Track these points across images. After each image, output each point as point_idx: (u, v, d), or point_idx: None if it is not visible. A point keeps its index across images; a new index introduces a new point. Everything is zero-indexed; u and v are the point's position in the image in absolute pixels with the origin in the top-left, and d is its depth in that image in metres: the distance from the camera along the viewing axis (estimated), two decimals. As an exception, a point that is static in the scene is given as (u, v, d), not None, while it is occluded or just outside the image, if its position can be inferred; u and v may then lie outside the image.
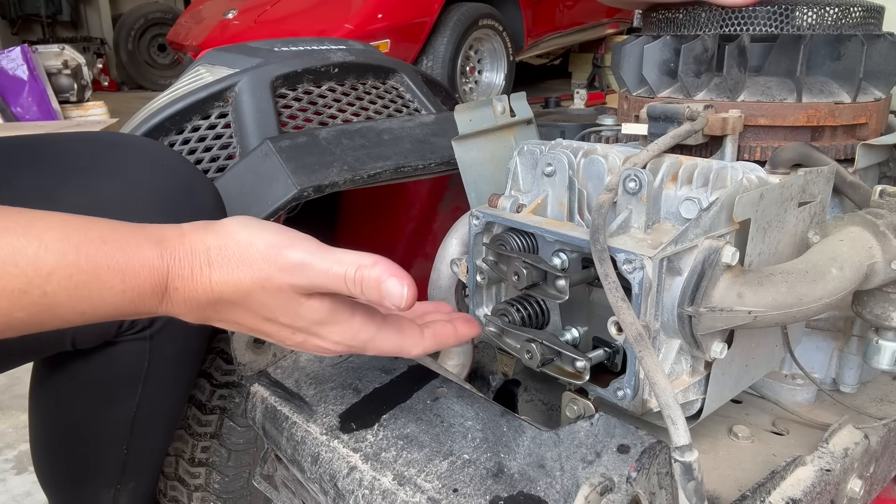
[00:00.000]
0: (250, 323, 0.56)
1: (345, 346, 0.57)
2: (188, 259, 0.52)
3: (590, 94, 4.07)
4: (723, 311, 0.58)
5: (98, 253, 0.49)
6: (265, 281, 0.52)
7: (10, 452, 1.65)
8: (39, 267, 0.46)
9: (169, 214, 0.69)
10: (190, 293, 0.52)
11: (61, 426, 0.83)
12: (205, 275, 0.52)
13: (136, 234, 0.51)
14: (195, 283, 0.52)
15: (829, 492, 0.65)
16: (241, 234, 0.54)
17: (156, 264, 0.51)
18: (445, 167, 0.97)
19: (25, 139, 0.73)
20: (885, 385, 0.85)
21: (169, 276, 0.51)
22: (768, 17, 0.75)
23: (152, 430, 0.84)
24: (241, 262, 0.53)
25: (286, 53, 1.07)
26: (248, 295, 0.53)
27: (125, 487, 0.85)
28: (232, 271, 0.52)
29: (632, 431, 0.55)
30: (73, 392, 0.78)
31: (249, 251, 0.53)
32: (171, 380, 0.81)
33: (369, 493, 0.61)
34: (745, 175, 0.64)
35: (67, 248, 0.47)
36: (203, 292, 0.52)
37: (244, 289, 0.53)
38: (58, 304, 0.48)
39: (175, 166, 0.74)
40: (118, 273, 0.49)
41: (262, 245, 0.53)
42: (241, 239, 0.53)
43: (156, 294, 0.51)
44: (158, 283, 0.51)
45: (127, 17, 8.13)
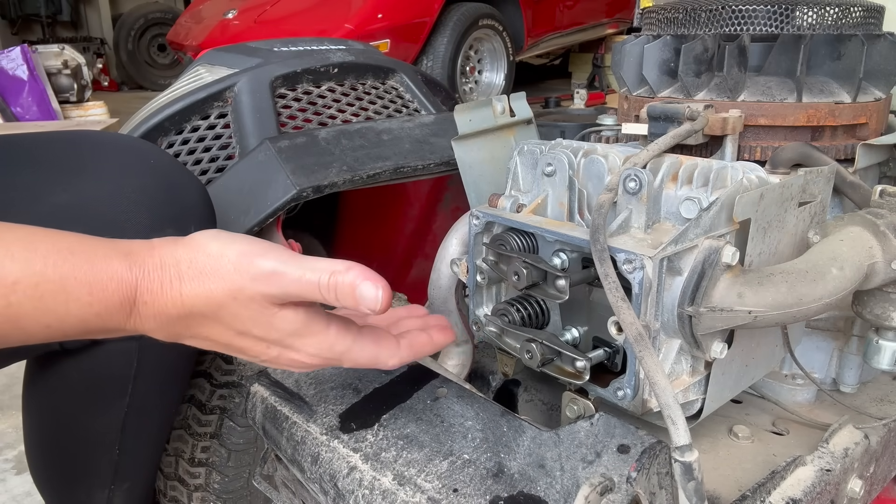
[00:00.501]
0: (223, 338, 0.54)
1: (320, 358, 0.56)
2: (157, 272, 0.51)
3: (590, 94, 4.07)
4: (723, 311, 0.58)
5: (65, 264, 0.48)
6: (237, 292, 0.51)
7: (10, 452, 1.65)
8: (4, 276, 0.45)
9: (155, 213, 0.69)
10: (160, 307, 0.51)
11: (53, 426, 0.83)
12: (175, 288, 0.51)
13: (104, 247, 0.50)
14: (165, 296, 0.51)
15: (829, 492, 0.64)
16: (211, 245, 0.52)
17: (124, 277, 0.49)
18: (445, 167, 0.97)
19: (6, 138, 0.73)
20: (885, 385, 0.84)
21: (138, 290, 0.50)
22: (768, 17, 0.75)
23: (145, 431, 0.84)
24: (212, 273, 0.51)
25: (286, 53, 1.07)
26: (220, 307, 0.52)
27: (119, 488, 0.85)
28: (203, 283, 0.51)
29: (632, 431, 0.55)
30: (64, 392, 0.78)
31: (220, 262, 0.51)
32: (162, 380, 0.81)
33: (369, 493, 0.61)
34: (745, 175, 0.64)
35: (34, 257, 0.47)
36: (173, 306, 0.51)
37: (216, 301, 0.51)
38: (22, 316, 0.46)
39: (161, 164, 0.74)
40: (85, 284, 0.48)
41: (232, 255, 0.52)
42: (212, 250, 0.52)
43: (124, 308, 0.50)
44: (126, 296, 0.50)
45: (127, 17, 8.14)
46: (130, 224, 0.68)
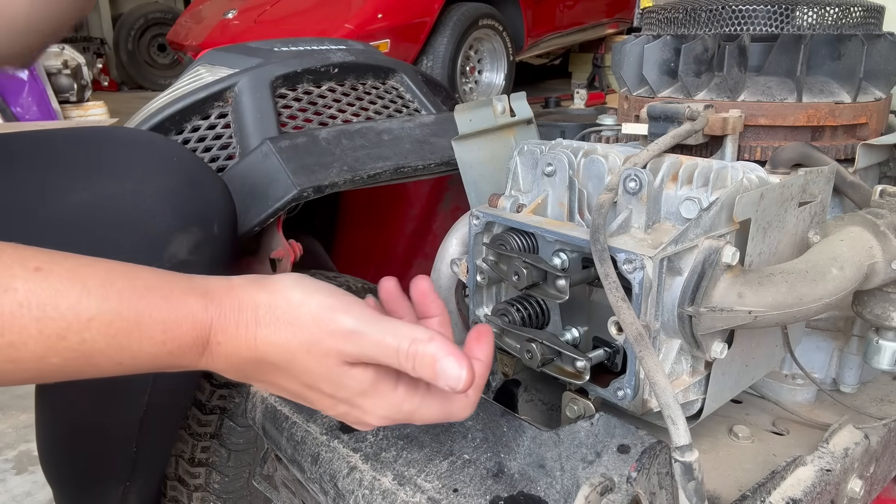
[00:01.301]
0: (292, 387, 0.53)
1: (389, 419, 0.54)
2: (234, 314, 0.50)
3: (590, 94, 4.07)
4: (723, 311, 0.58)
5: (140, 301, 0.47)
6: (312, 345, 0.50)
7: (10, 452, 1.65)
8: (80, 312, 0.45)
9: (179, 210, 0.68)
10: (232, 349, 0.50)
11: (70, 424, 0.83)
12: (250, 332, 0.50)
13: (181, 284, 0.50)
14: (239, 339, 0.50)
15: (830, 492, 0.64)
16: (293, 292, 0.51)
17: (199, 317, 0.49)
18: (445, 167, 0.97)
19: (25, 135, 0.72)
20: (885, 385, 0.84)
21: (212, 331, 0.49)
22: (768, 17, 0.75)
23: (161, 429, 0.84)
24: (290, 323, 0.50)
25: (286, 53, 1.07)
26: (293, 358, 0.51)
27: (134, 485, 0.85)
28: (279, 331, 0.50)
29: (632, 431, 0.55)
30: (82, 392, 0.78)
31: (300, 312, 0.50)
32: (179, 379, 0.81)
33: (369, 493, 0.61)
34: (745, 175, 0.64)
35: (110, 293, 0.46)
36: (247, 349, 0.50)
37: (289, 351, 0.50)
38: (95, 353, 0.46)
39: (183, 161, 0.73)
40: (160, 323, 0.47)
41: (314, 307, 0.50)
42: (293, 298, 0.51)
43: (197, 347, 0.49)
44: (201, 336, 0.49)
45: (127, 17, 8.13)
46: (154, 222, 0.68)
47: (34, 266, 0.44)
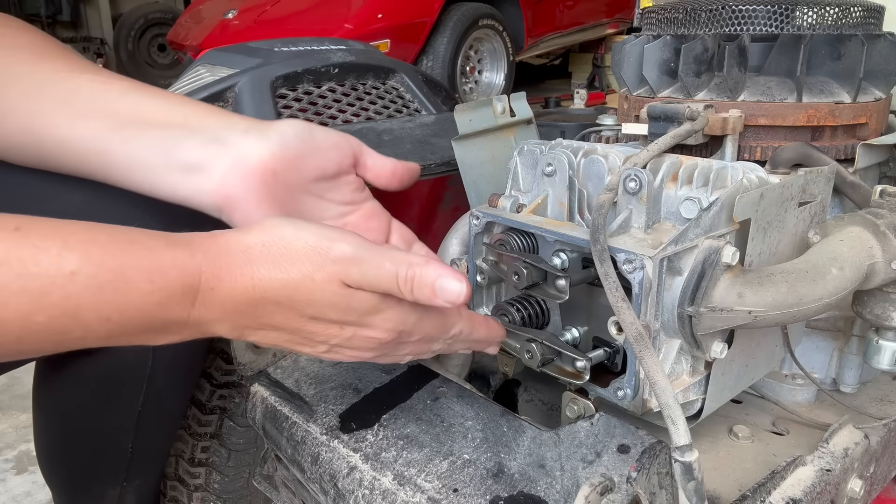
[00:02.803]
0: (293, 324, 0.52)
1: (395, 332, 0.55)
2: (224, 258, 0.49)
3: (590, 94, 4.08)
4: (723, 311, 0.58)
5: (124, 253, 0.46)
6: (316, 272, 0.50)
7: (10, 452, 1.65)
8: (62, 266, 0.44)
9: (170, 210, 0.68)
10: (227, 293, 0.49)
11: (67, 424, 0.83)
12: (245, 273, 0.49)
13: (165, 238, 0.49)
14: (234, 282, 0.49)
15: (830, 492, 0.64)
16: (284, 229, 0.51)
17: (187, 264, 0.48)
18: (445, 167, 0.97)
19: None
20: (885, 385, 0.84)
21: (202, 276, 0.48)
22: (768, 17, 0.75)
23: (158, 428, 0.84)
24: (288, 257, 0.50)
25: (286, 54, 1.07)
26: (296, 290, 0.50)
27: (131, 484, 0.86)
28: (277, 267, 0.49)
29: (632, 431, 0.55)
30: (78, 391, 0.78)
31: (296, 245, 0.50)
32: (175, 377, 0.81)
33: (369, 493, 0.61)
34: (745, 175, 0.64)
35: (92, 248, 0.45)
36: (243, 290, 0.49)
37: (292, 284, 0.50)
38: (80, 308, 0.45)
39: None
40: (145, 272, 0.46)
41: (310, 239, 0.51)
42: (286, 234, 0.51)
43: (187, 296, 0.48)
44: (190, 283, 0.48)
45: (127, 17, 8.13)
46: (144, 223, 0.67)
47: (13, 226, 0.44)
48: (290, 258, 0.50)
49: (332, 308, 0.51)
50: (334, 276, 0.50)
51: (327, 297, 0.51)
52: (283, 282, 0.50)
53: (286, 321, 0.52)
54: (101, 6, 8.75)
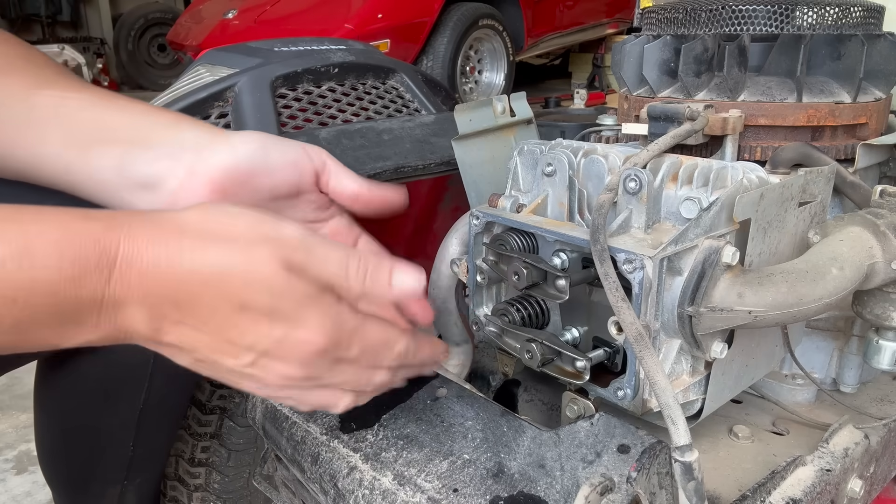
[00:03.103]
0: (219, 317, 0.45)
1: (332, 337, 0.48)
2: (150, 231, 0.44)
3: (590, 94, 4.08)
4: (723, 311, 0.58)
5: (31, 226, 0.41)
6: (256, 249, 0.45)
7: (10, 452, 1.65)
8: None
9: None
10: (149, 267, 0.43)
11: (67, 424, 0.83)
12: (173, 247, 0.43)
13: (82, 211, 0.44)
14: (158, 256, 0.43)
15: (830, 492, 0.64)
16: (227, 207, 0.47)
17: (103, 235, 0.42)
18: (445, 167, 0.97)
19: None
20: (885, 385, 0.84)
21: (120, 247, 0.42)
22: (768, 17, 0.75)
23: (158, 427, 0.84)
24: (228, 234, 0.45)
25: (286, 53, 1.07)
26: (231, 270, 0.44)
27: (132, 483, 0.86)
28: (215, 243, 0.44)
29: (632, 431, 0.55)
30: (79, 390, 0.78)
31: (238, 220, 0.46)
32: (175, 378, 0.81)
33: (369, 493, 0.61)
34: (745, 175, 0.64)
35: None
36: (168, 266, 0.43)
37: (227, 263, 0.44)
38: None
39: None
40: (53, 244, 0.41)
41: (254, 215, 0.47)
42: (230, 210, 0.47)
43: (101, 269, 0.42)
44: (105, 253, 0.42)
45: (127, 17, 8.14)
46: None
47: None
48: (229, 234, 0.45)
49: (265, 292, 0.45)
50: (275, 255, 0.45)
51: (264, 277, 0.45)
52: (218, 259, 0.44)
53: (211, 312, 0.45)
54: (101, 6, 8.75)
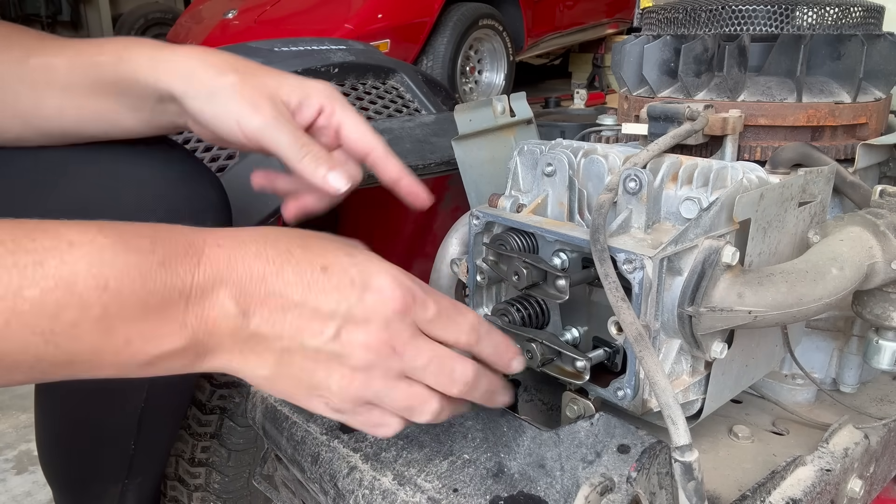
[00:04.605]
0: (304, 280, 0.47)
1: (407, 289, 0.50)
2: (230, 230, 0.48)
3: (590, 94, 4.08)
4: (723, 311, 0.58)
5: (122, 225, 0.44)
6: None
7: (10, 452, 1.65)
8: (60, 236, 0.41)
9: (171, 206, 0.68)
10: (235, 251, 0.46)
11: (68, 423, 0.83)
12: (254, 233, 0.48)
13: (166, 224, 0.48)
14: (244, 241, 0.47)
15: (829, 492, 0.65)
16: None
17: (188, 233, 0.46)
18: (445, 167, 0.97)
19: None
20: (885, 385, 0.84)
21: (207, 239, 0.46)
22: (768, 17, 0.75)
23: (159, 427, 0.84)
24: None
25: (286, 53, 1.07)
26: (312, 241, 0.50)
27: (133, 482, 0.86)
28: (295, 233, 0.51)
29: (632, 431, 0.55)
30: (79, 390, 0.78)
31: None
32: (176, 377, 0.81)
33: (369, 492, 0.61)
34: (745, 175, 0.64)
35: (88, 226, 0.43)
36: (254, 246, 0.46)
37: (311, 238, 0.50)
38: (77, 275, 0.40)
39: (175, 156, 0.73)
40: (147, 237, 0.43)
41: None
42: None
43: (191, 254, 0.44)
44: (193, 244, 0.45)
45: (127, 17, 8.13)
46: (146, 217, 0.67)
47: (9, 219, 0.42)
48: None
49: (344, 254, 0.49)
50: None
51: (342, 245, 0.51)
52: (299, 237, 0.49)
53: (295, 277, 0.47)
54: (101, 6, 8.75)
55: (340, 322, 0.48)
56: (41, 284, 0.40)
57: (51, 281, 0.40)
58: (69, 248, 0.41)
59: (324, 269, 0.48)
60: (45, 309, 0.40)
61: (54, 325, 0.40)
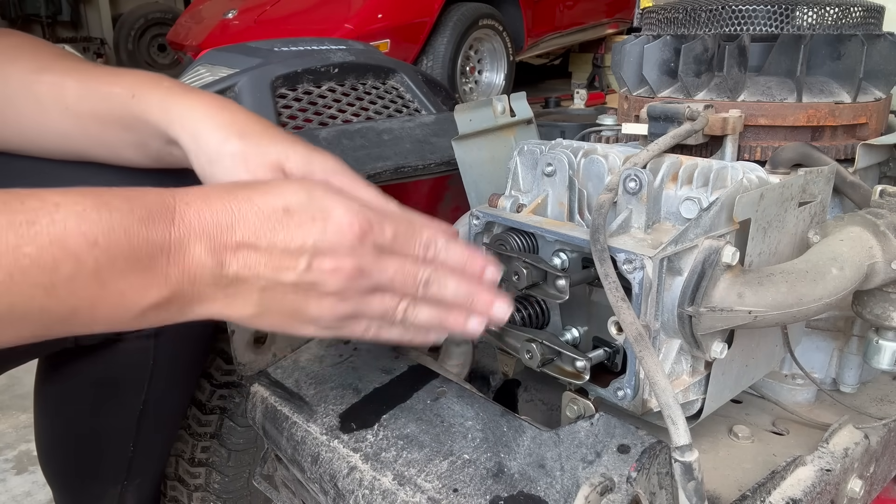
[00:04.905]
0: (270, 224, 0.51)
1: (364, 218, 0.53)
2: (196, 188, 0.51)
3: (590, 94, 4.08)
4: (723, 311, 0.58)
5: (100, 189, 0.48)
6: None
7: (10, 452, 1.65)
8: (45, 199, 0.45)
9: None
10: (202, 205, 0.49)
11: (68, 424, 0.83)
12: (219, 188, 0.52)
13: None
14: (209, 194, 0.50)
15: (829, 492, 0.64)
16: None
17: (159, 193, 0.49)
18: (445, 167, 0.97)
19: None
20: (885, 385, 0.84)
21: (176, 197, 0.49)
22: (768, 17, 0.75)
23: (158, 428, 0.84)
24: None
25: (286, 53, 1.07)
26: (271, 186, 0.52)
27: (132, 483, 0.86)
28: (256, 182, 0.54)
29: (632, 431, 0.55)
30: (80, 390, 0.78)
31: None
32: (176, 379, 0.82)
33: (369, 493, 0.61)
34: (745, 175, 0.64)
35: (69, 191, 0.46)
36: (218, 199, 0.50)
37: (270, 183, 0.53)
38: (68, 232, 0.44)
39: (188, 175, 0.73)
40: (123, 196, 0.47)
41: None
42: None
43: (164, 212, 0.48)
44: (165, 202, 0.48)
45: (127, 17, 8.14)
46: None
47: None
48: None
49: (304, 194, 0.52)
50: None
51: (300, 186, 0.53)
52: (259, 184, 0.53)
53: (261, 222, 0.51)
54: (101, 6, 8.75)
55: (309, 256, 0.52)
56: (37, 241, 0.43)
57: (45, 238, 0.44)
58: (56, 208, 0.45)
59: (286, 210, 0.51)
60: (43, 263, 0.44)
61: (54, 277, 0.44)
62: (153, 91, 0.63)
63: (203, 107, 0.62)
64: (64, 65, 0.66)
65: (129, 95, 0.63)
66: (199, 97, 0.63)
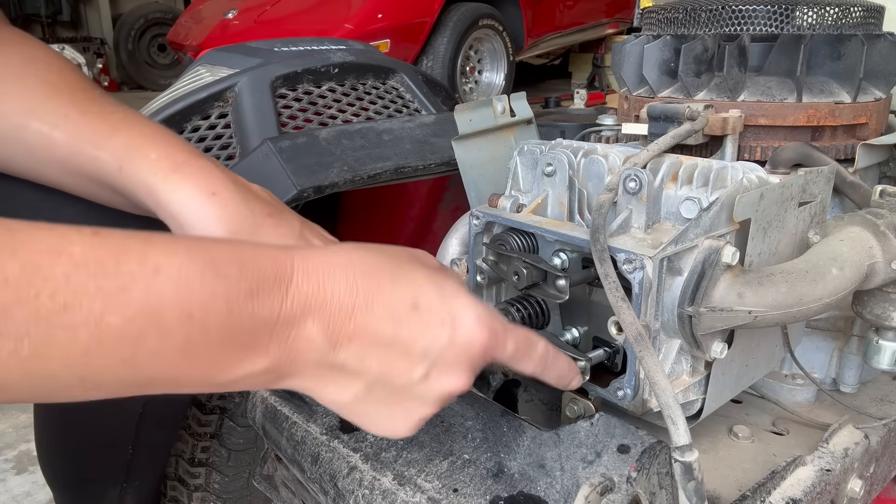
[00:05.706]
0: (395, 317, 0.47)
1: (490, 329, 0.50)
2: (319, 250, 0.46)
3: (590, 94, 4.08)
4: (723, 311, 0.58)
5: (212, 246, 0.42)
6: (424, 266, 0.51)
7: (10, 452, 1.65)
8: (145, 261, 0.39)
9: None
10: (325, 279, 0.44)
11: (68, 425, 0.83)
12: (343, 257, 0.47)
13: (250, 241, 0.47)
14: (334, 266, 0.45)
15: (829, 492, 0.65)
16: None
17: (276, 253, 0.44)
18: (445, 167, 0.97)
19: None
20: (885, 385, 0.84)
21: (295, 262, 0.44)
22: (768, 17, 0.75)
23: (158, 429, 0.84)
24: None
25: (286, 53, 1.07)
26: (403, 272, 0.48)
27: (131, 485, 0.86)
28: (384, 252, 0.50)
29: (632, 431, 0.55)
30: None
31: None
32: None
33: (369, 493, 0.61)
34: (745, 175, 0.64)
35: (177, 245, 0.41)
36: (344, 276, 0.45)
37: (403, 267, 0.48)
38: (162, 304, 0.39)
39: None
40: (235, 260, 0.42)
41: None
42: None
43: (280, 282, 0.43)
44: (282, 268, 0.43)
45: (127, 17, 8.14)
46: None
47: (91, 231, 0.39)
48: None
49: (434, 290, 0.48)
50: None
51: (432, 276, 0.49)
52: (390, 265, 0.48)
53: (385, 314, 0.46)
54: (101, 6, 8.75)
55: (430, 365, 0.48)
56: (124, 312, 0.38)
57: (134, 308, 0.38)
58: (155, 274, 0.39)
59: (414, 306, 0.47)
60: (126, 337, 0.39)
61: (136, 351, 0.39)
62: (140, 165, 0.58)
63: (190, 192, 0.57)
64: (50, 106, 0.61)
65: (117, 168, 0.59)
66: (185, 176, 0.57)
